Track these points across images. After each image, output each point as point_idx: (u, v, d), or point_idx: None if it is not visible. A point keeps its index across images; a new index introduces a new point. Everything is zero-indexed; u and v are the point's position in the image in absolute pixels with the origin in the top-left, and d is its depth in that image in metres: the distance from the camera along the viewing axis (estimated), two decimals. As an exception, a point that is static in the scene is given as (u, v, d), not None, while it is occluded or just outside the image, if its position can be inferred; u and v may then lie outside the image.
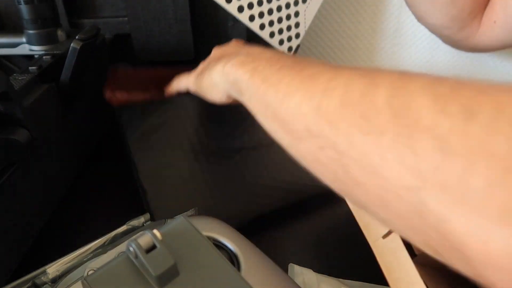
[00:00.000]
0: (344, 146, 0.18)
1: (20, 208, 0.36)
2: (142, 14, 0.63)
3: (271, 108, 0.24)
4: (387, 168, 0.16)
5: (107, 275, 0.22)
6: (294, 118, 0.22)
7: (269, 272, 0.28)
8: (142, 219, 0.34)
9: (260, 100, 0.26)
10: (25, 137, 0.34)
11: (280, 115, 0.23)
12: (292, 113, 0.22)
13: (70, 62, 0.41)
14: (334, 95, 0.20)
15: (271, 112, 0.24)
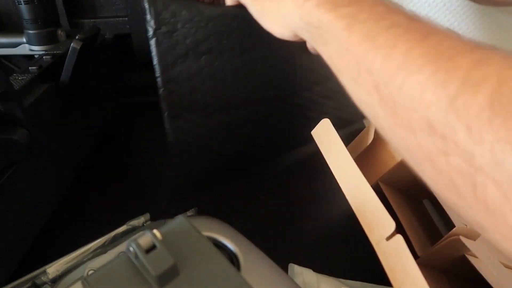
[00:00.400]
0: (486, 163, 0.14)
1: (20, 208, 0.36)
2: (142, 14, 0.63)
3: (372, 78, 0.20)
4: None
5: (107, 275, 0.22)
6: (411, 103, 0.17)
7: (269, 272, 0.28)
8: (142, 219, 0.34)
9: (355, 62, 0.21)
10: (25, 137, 0.34)
11: (387, 91, 0.19)
12: (409, 96, 0.17)
13: (70, 62, 0.41)
14: (481, 92, 0.15)
15: (372, 83, 0.20)
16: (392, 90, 0.18)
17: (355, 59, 0.21)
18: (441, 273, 0.35)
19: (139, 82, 0.67)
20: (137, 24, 0.64)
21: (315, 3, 0.23)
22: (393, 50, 0.19)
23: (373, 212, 0.29)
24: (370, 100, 0.20)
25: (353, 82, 0.22)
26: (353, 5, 0.22)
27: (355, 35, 0.21)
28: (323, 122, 0.38)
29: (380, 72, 0.19)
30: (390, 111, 0.19)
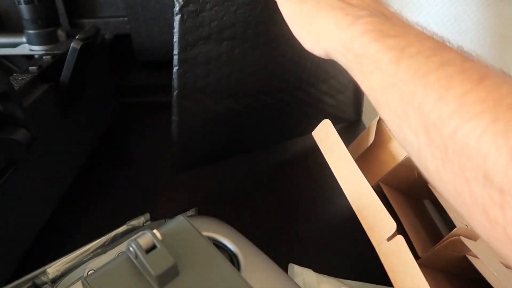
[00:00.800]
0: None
1: (20, 208, 0.36)
2: (142, 14, 0.63)
3: (421, 118, 0.19)
4: None
5: (107, 275, 0.22)
6: (465, 151, 0.17)
7: (269, 272, 0.28)
8: (142, 219, 0.34)
9: (401, 98, 0.20)
10: (25, 137, 0.34)
11: (438, 135, 0.18)
12: (464, 143, 0.17)
13: (70, 62, 0.41)
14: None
15: (420, 123, 0.19)
16: (444, 134, 0.18)
17: (402, 95, 0.20)
18: (442, 273, 0.35)
19: (139, 82, 0.67)
20: (137, 24, 0.64)
21: (361, 29, 0.22)
22: (447, 92, 0.18)
23: (374, 213, 0.29)
24: (416, 140, 0.20)
25: (396, 118, 0.21)
26: (401, 36, 0.21)
27: (403, 70, 0.20)
28: (324, 122, 0.38)
29: (431, 114, 0.18)
30: (440, 155, 0.18)
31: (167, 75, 0.68)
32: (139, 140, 0.59)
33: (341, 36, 0.23)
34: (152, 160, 0.54)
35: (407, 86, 0.20)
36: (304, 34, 0.27)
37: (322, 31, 0.25)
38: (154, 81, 0.67)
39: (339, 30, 0.23)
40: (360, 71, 0.23)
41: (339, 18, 0.23)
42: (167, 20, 0.64)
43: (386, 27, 0.22)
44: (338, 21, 0.23)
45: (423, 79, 0.19)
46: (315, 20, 0.25)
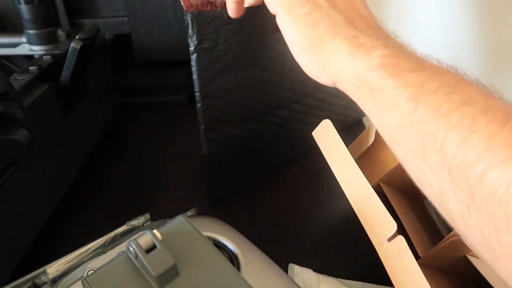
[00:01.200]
0: None
1: (20, 208, 0.36)
2: (142, 14, 0.63)
3: (444, 160, 0.18)
4: None
5: (107, 275, 0.22)
6: (494, 198, 0.16)
7: (269, 272, 0.28)
8: (142, 219, 0.34)
9: (420, 138, 0.19)
10: (25, 137, 0.34)
11: (462, 178, 0.17)
12: (492, 190, 0.16)
13: (70, 62, 0.41)
14: None
15: (442, 164, 0.18)
16: (470, 179, 0.17)
17: (421, 135, 0.19)
18: (442, 273, 0.35)
19: (139, 82, 0.67)
20: (137, 24, 0.64)
21: (377, 63, 0.21)
22: (471, 134, 0.17)
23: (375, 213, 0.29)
24: (438, 182, 0.19)
25: (414, 158, 0.20)
26: (418, 71, 0.20)
27: (423, 109, 0.19)
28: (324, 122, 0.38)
29: (455, 157, 0.17)
30: (466, 200, 0.17)
31: (167, 75, 0.68)
32: (139, 140, 0.59)
33: (355, 67, 0.22)
34: (152, 160, 0.54)
35: (428, 126, 0.19)
36: (311, 60, 0.25)
37: (333, 60, 0.23)
38: (154, 81, 0.67)
39: (353, 61, 0.22)
40: (375, 105, 0.22)
41: (353, 48, 0.22)
42: (167, 20, 0.64)
43: (402, 61, 0.21)
44: (352, 51, 0.22)
45: (444, 118, 0.18)
46: (327, 47, 0.23)
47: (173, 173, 0.51)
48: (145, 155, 0.55)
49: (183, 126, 0.62)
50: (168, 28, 0.65)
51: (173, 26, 0.64)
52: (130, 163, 0.54)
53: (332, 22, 0.24)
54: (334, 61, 0.23)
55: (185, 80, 0.66)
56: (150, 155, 0.55)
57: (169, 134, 0.60)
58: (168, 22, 0.64)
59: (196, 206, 0.38)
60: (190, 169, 0.52)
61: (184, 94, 0.67)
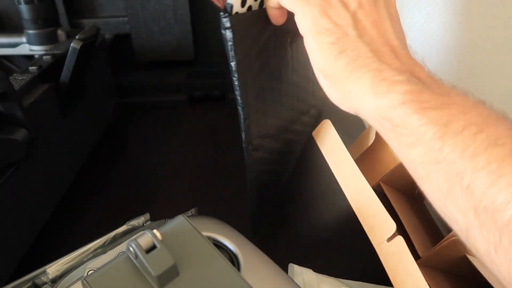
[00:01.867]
0: None
1: (20, 208, 0.36)
2: (142, 14, 0.63)
3: (470, 200, 0.18)
4: None
5: (107, 275, 0.22)
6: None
7: (269, 272, 0.28)
8: (142, 219, 0.34)
9: (447, 177, 0.19)
10: (25, 137, 0.34)
11: (489, 220, 0.18)
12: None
13: (70, 62, 0.41)
14: None
15: (469, 204, 0.18)
16: (498, 221, 0.17)
17: (447, 174, 0.19)
18: (442, 273, 0.35)
19: (139, 82, 0.67)
20: (137, 24, 0.64)
21: (400, 99, 0.21)
22: (499, 179, 0.17)
23: (374, 214, 0.29)
24: (464, 220, 0.19)
25: (441, 195, 0.20)
26: (444, 109, 0.20)
27: (449, 149, 0.19)
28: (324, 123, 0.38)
29: (482, 199, 0.18)
30: (493, 240, 0.18)
31: (167, 75, 0.68)
32: (139, 140, 0.59)
33: (377, 103, 0.22)
34: (152, 160, 0.54)
35: (454, 166, 0.19)
36: (333, 89, 0.25)
37: (354, 93, 0.23)
38: (154, 81, 0.67)
39: (375, 96, 0.22)
40: (398, 141, 0.22)
41: (375, 83, 0.22)
42: (167, 20, 0.64)
43: (426, 97, 0.21)
44: (374, 85, 0.22)
45: (471, 160, 0.18)
46: (348, 79, 0.23)
47: (173, 173, 0.51)
48: (145, 155, 0.55)
49: (183, 126, 0.62)
50: (168, 28, 0.65)
51: (173, 26, 0.64)
52: (130, 163, 0.54)
53: (356, 54, 0.23)
54: (355, 94, 0.23)
55: (185, 80, 0.66)
56: (150, 155, 0.55)
57: (169, 134, 0.60)
58: (168, 22, 0.64)
59: (196, 206, 0.38)
60: (190, 169, 0.52)
61: (184, 94, 0.67)
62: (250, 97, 0.32)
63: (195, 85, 0.67)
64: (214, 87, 0.67)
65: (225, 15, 0.27)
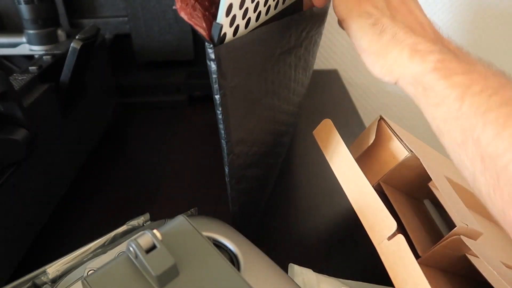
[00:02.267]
0: None
1: (20, 208, 0.36)
2: (142, 14, 0.63)
3: (479, 150, 0.22)
4: None
5: (107, 275, 0.22)
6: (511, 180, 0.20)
7: (269, 272, 0.28)
8: (142, 219, 0.34)
9: (462, 131, 0.23)
10: (25, 137, 0.34)
11: (491, 165, 0.21)
12: (510, 174, 0.20)
13: (70, 62, 0.41)
14: None
15: (477, 153, 0.22)
16: (497, 166, 0.21)
17: (463, 128, 0.23)
18: (442, 273, 0.35)
19: (139, 82, 0.67)
20: (137, 24, 0.64)
21: (432, 67, 0.25)
22: (503, 130, 0.21)
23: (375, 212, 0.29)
24: (472, 167, 0.23)
25: (456, 146, 0.24)
26: (467, 74, 0.24)
27: (466, 107, 0.23)
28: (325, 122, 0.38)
29: (487, 148, 0.21)
30: (492, 182, 0.21)
31: (167, 75, 0.68)
32: (139, 140, 0.59)
33: (413, 70, 0.26)
34: (152, 160, 0.54)
35: (468, 121, 0.23)
36: (378, 64, 0.28)
37: (395, 64, 0.27)
38: (154, 81, 0.67)
39: (411, 65, 0.26)
40: (427, 102, 0.25)
41: (412, 54, 0.26)
42: (167, 20, 0.64)
43: (453, 65, 0.24)
44: (411, 56, 0.26)
45: (483, 116, 0.22)
46: (390, 54, 0.27)
47: (173, 173, 0.51)
48: (145, 155, 0.55)
49: (183, 126, 0.62)
50: (168, 28, 0.65)
51: (173, 26, 0.64)
52: (130, 163, 0.54)
53: (394, 31, 0.27)
54: (396, 65, 0.26)
55: (185, 80, 0.66)
56: (150, 155, 0.55)
57: (169, 134, 0.60)
58: (168, 22, 0.64)
59: (196, 206, 0.38)
60: (190, 169, 0.52)
61: (184, 94, 0.67)
62: (235, 131, 0.30)
63: (195, 85, 0.67)
64: (214, 87, 0.67)
65: (210, 46, 0.24)
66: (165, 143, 0.58)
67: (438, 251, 0.33)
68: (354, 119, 0.64)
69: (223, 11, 0.23)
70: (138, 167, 0.53)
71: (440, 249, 0.33)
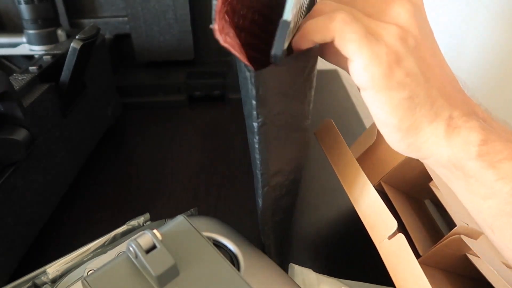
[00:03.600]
0: None
1: (20, 208, 0.36)
2: (142, 14, 0.63)
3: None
4: None
5: (107, 275, 0.22)
6: None
7: (269, 272, 0.28)
8: (142, 219, 0.34)
9: None
10: (25, 137, 0.34)
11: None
12: None
13: (70, 62, 0.41)
14: None
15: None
16: None
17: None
18: (442, 272, 0.35)
19: (139, 82, 0.67)
20: (137, 24, 0.64)
21: (476, 151, 0.21)
22: None
23: (376, 212, 0.29)
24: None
25: (511, 245, 0.21)
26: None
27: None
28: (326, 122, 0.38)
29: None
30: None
31: (167, 75, 0.68)
32: (139, 140, 0.59)
33: (451, 153, 0.22)
34: (152, 160, 0.54)
35: None
36: (404, 142, 0.23)
37: (427, 143, 0.22)
38: (154, 81, 0.67)
39: (449, 146, 0.22)
40: (469, 190, 0.22)
41: (449, 132, 0.22)
42: (167, 20, 0.64)
43: (499, 147, 0.21)
44: (448, 135, 0.22)
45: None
46: (423, 131, 0.22)
47: (173, 173, 0.51)
48: (145, 155, 0.55)
49: (183, 126, 0.62)
50: (168, 28, 0.65)
51: (173, 26, 0.64)
52: (130, 163, 0.54)
53: (430, 102, 0.22)
54: (429, 144, 0.23)
55: (185, 80, 0.66)
56: (150, 155, 0.55)
57: (169, 134, 0.60)
58: (168, 22, 0.64)
59: (196, 206, 0.38)
60: (190, 169, 0.52)
61: (184, 94, 0.67)
62: (273, 161, 0.27)
63: (195, 85, 0.67)
64: (214, 87, 0.67)
65: (250, 70, 0.21)
66: (165, 143, 0.58)
67: (439, 251, 0.33)
68: (354, 119, 0.64)
69: (292, 4, 0.20)
70: (138, 167, 0.53)
71: (440, 248, 0.33)
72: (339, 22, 0.21)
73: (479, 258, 0.31)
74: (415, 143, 0.23)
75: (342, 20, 0.21)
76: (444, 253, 0.33)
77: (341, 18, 0.21)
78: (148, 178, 0.50)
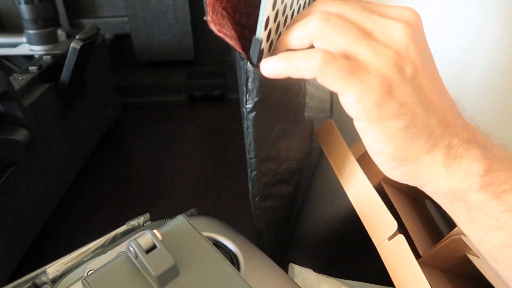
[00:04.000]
0: None
1: (20, 207, 0.36)
2: (142, 14, 0.63)
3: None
4: None
5: (107, 275, 0.22)
6: None
7: (269, 272, 0.28)
8: (142, 219, 0.34)
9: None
10: (25, 137, 0.34)
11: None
12: None
13: (70, 62, 0.41)
14: None
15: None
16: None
17: None
18: (442, 272, 0.35)
19: (139, 82, 0.67)
20: (137, 24, 0.64)
21: (478, 183, 0.20)
22: None
23: (376, 212, 0.29)
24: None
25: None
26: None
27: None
28: (326, 122, 0.38)
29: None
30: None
31: (167, 75, 0.68)
32: (139, 140, 0.59)
33: (451, 184, 0.21)
34: (152, 160, 0.54)
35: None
36: (399, 171, 0.22)
37: (425, 172, 0.21)
38: (154, 81, 0.67)
39: (449, 177, 0.21)
40: (472, 222, 0.21)
41: (449, 162, 0.21)
42: (167, 20, 0.64)
43: (502, 177, 0.20)
44: (448, 165, 0.21)
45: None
46: (420, 160, 0.21)
47: (173, 173, 0.51)
48: (145, 155, 0.55)
49: (183, 126, 0.62)
50: (168, 28, 0.65)
51: (173, 26, 0.64)
52: (130, 163, 0.54)
53: (428, 131, 0.21)
54: (426, 173, 0.21)
55: (185, 80, 0.66)
56: (150, 155, 0.55)
57: (169, 134, 0.60)
58: (168, 22, 0.64)
59: (196, 206, 0.38)
60: (190, 169, 0.52)
61: (184, 94, 0.67)
62: (261, 149, 0.28)
63: (195, 85, 0.67)
64: (214, 87, 0.67)
65: (246, 62, 0.23)
66: (165, 143, 0.58)
67: (439, 251, 0.33)
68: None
69: (262, 25, 0.21)
70: (138, 167, 0.53)
71: (440, 249, 0.33)
72: (320, 62, 0.19)
73: (480, 258, 0.31)
74: (411, 171, 0.22)
75: (322, 60, 0.19)
76: (444, 253, 0.33)
77: (320, 58, 0.19)
78: (148, 178, 0.50)
